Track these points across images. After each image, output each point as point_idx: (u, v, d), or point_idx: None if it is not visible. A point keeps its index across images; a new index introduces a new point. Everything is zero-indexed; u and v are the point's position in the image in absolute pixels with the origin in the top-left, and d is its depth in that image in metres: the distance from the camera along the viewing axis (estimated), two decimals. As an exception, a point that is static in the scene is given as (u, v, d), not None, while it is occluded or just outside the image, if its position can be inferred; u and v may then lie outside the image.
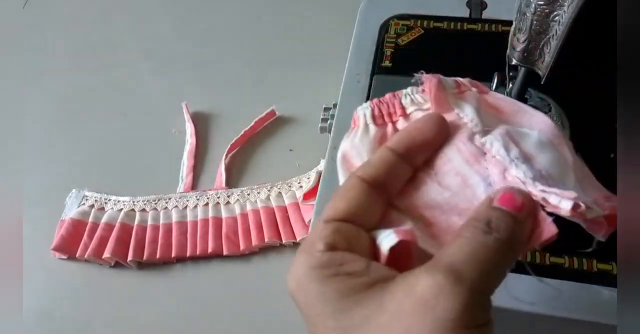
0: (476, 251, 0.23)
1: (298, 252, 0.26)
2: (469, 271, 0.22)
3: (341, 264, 0.24)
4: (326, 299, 0.23)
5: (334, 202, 0.26)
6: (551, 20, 0.33)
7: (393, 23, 0.56)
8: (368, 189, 0.26)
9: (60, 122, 0.69)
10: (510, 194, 0.25)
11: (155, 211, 0.59)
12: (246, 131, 0.64)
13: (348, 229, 0.25)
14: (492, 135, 0.27)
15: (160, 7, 0.81)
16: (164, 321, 0.53)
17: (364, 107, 0.30)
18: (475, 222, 0.24)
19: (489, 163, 0.27)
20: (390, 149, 0.27)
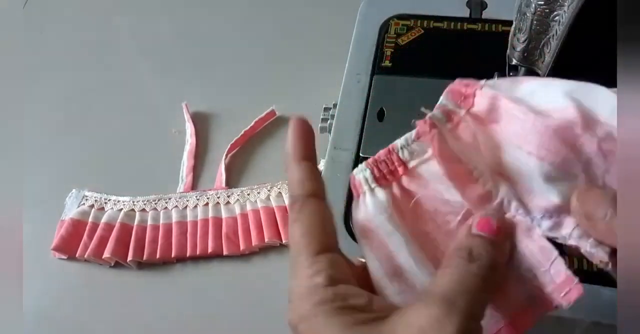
0: (463, 280, 0.24)
1: (293, 291, 0.26)
2: (460, 300, 0.23)
3: (345, 299, 0.25)
4: (331, 329, 0.24)
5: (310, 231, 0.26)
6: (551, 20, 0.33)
7: (393, 23, 0.56)
8: (323, 205, 0.27)
9: (60, 122, 0.69)
10: (487, 220, 0.26)
11: (155, 211, 0.59)
12: (246, 131, 0.64)
13: (337, 259, 0.26)
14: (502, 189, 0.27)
15: (160, 7, 0.81)
16: (164, 321, 0.53)
17: (362, 169, 0.29)
18: (459, 251, 0.25)
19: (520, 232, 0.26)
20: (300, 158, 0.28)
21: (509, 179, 0.27)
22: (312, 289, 0.25)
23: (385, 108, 0.49)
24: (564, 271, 0.25)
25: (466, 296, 0.23)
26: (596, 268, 0.39)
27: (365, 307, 0.25)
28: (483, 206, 0.27)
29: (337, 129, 0.49)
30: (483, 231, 0.26)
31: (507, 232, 0.26)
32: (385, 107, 0.49)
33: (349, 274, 0.26)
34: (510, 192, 0.27)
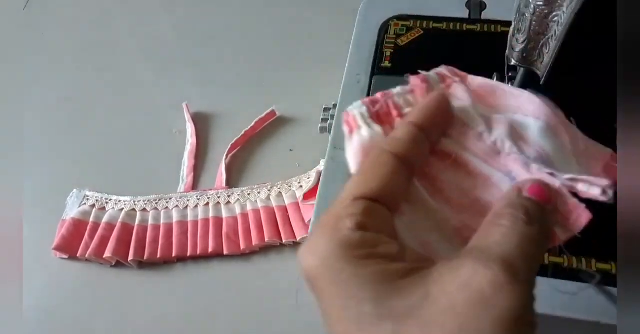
0: (524, 242, 0.22)
1: (319, 227, 0.23)
2: (523, 267, 0.21)
3: (374, 246, 0.22)
4: (363, 282, 0.21)
5: (364, 178, 0.24)
6: (550, 21, 0.33)
7: (393, 23, 0.56)
8: (400, 166, 0.24)
9: (61, 122, 0.69)
10: (539, 186, 0.24)
11: (156, 210, 0.59)
12: (246, 131, 0.64)
13: (378, 211, 0.23)
14: (497, 131, 0.27)
15: (160, 7, 0.81)
16: (165, 321, 0.53)
17: (357, 106, 0.28)
18: (514, 210, 0.23)
19: (507, 160, 0.26)
20: (414, 124, 0.26)
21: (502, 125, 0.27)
22: (338, 230, 0.22)
23: (385, 108, 0.49)
24: (570, 199, 0.24)
25: (528, 263, 0.21)
26: (595, 267, 0.39)
27: (397, 256, 0.22)
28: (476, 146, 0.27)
29: (337, 129, 0.49)
30: (535, 196, 0.24)
31: (556, 202, 0.24)
32: (385, 108, 0.49)
33: (389, 230, 0.23)
34: (503, 134, 0.27)
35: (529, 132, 0.27)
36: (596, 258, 0.39)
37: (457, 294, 0.20)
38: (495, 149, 0.27)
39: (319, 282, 0.22)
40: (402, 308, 0.20)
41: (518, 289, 0.20)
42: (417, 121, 0.26)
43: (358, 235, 0.22)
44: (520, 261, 0.21)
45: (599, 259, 0.39)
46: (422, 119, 0.26)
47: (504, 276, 0.20)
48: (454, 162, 0.27)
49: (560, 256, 0.39)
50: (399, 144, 0.25)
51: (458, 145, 0.27)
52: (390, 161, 0.24)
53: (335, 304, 0.21)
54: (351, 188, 0.24)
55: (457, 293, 0.20)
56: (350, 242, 0.22)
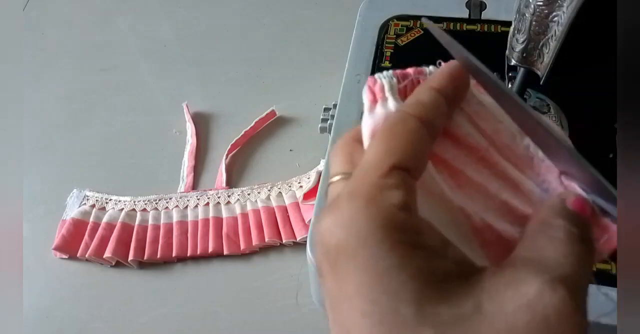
0: (581, 264, 0.19)
1: (351, 195, 0.19)
2: (581, 292, 0.19)
3: (419, 233, 0.18)
4: (406, 278, 0.17)
5: (392, 143, 0.20)
6: (550, 21, 0.33)
7: (393, 23, 0.56)
8: (426, 134, 0.21)
9: (60, 122, 0.69)
10: (583, 200, 0.22)
11: (156, 210, 0.59)
12: (246, 131, 0.64)
13: (413, 185, 0.20)
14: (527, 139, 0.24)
15: (160, 7, 0.81)
16: (165, 321, 0.53)
17: (388, 76, 0.25)
18: (564, 222, 0.21)
19: (541, 168, 0.24)
20: (436, 89, 0.23)
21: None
22: (379, 204, 0.18)
23: (385, 108, 0.49)
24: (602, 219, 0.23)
25: (585, 280, 0.19)
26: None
27: (441, 251, 0.19)
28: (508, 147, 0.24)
29: (337, 129, 0.49)
30: (578, 210, 0.21)
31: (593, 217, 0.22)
32: (385, 108, 0.49)
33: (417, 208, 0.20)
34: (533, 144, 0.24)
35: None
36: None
37: (517, 315, 0.17)
38: (528, 154, 0.24)
39: (346, 264, 0.18)
40: (448, 316, 0.17)
41: (580, 321, 0.18)
42: (440, 87, 0.23)
43: (403, 216, 0.18)
44: (580, 286, 0.19)
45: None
46: (445, 86, 0.23)
47: (570, 302, 0.18)
48: (482, 158, 0.24)
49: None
50: (424, 109, 0.22)
51: (489, 141, 0.24)
52: (417, 127, 0.21)
53: (359, 296, 0.18)
54: (382, 154, 0.20)
55: (518, 314, 0.17)
56: (395, 222, 0.18)
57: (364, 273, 0.18)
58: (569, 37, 0.33)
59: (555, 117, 0.47)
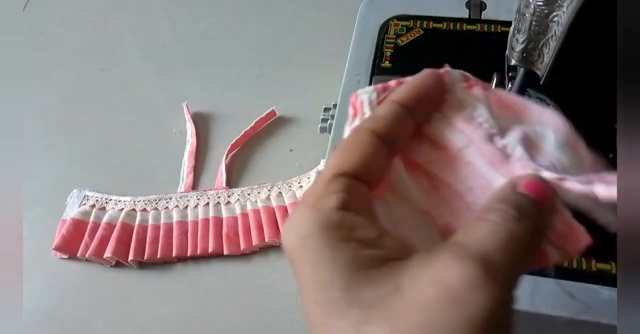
0: (509, 240, 0.20)
1: (301, 204, 0.22)
2: (502, 264, 0.20)
3: (352, 228, 0.21)
4: (337, 267, 0.20)
5: (343, 155, 0.23)
6: (550, 21, 0.33)
7: (393, 23, 0.56)
8: (379, 144, 0.24)
9: (61, 122, 0.69)
10: (537, 182, 0.23)
11: (156, 210, 0.59)
12: (246, 131, 0.64)
13: (358, 188, 0.23)
14: (511, 137, 0.25)
15: (160, 8, 0.81)
16: (165, 321, 0.53)
17: (369, 91, 0.27)
18: (503, 205, 0.22)
19: (515, 166, 0.25)
20: (397, 102, 0.25)
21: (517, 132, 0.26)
22: (319, 210, 0.22)
23: (385, 108, 0.49)
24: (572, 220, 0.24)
25: (511, 261, 0.20)
26: (595, 267, 0.39)
27: (375, 242, 0.21)
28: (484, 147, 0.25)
29: (337, 129, 0.49)
30: (530, 193, 0.22)
31: (553, 201, 0.23)
32: (385, 108, 0.49)
33: (368, 209, 0.23)
34: (516, 140, 0.25)
35: (545, 143, 0.25)
36: (596, 258, 0.39)
37: (427, 289, 0.19)
38: (505, 154, 0.25)
39: (297, 261, 0.22)
40: (370, 297, 0.20)
41: (494, 290, 0.19)
42: (401, 100, 0.25)
43: (339, 215, 0.21)
44: (502, 260, 0.20)
45: (599, 259, 0.39)
46: (406, 98, 0.25)
47: (480, 274, 0.19)
48: (456, 158, 0.26)
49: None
50: (379, 121, 0.24)
51: (466, 139, 0.26)
52: (369, 138, 0.24)
53: (309, 285, 0.21)
54: (332, 165, 0.23)
55: (428, 288, 0.19)
56: (330, 222, 0.21)
57: (306, 267, 0.21)
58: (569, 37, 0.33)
59: (555, 117, 0.47)
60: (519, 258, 0.20)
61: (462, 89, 0.27)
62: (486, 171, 0.25)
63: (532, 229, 0.21)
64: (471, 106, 0.26)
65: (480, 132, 0.26)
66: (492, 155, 0.25)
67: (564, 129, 0.26)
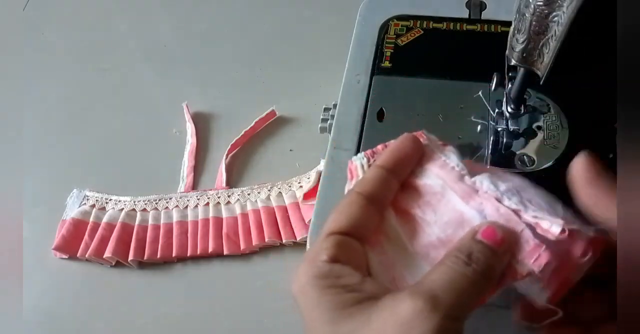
0: (455, 280, 0.25)
1: (303, 260, 0.28)
2: (446, 299, 0.24)
3: (339, 277, 0.26)
4: (323, 307, 0.25)
5: (336, 216, 0.29)
6: (550, 21, 0.33)
7: (393, 23, 0.56)
8: (366, 204, 0.29)
9: (60, 122, 0.69)
10: (492, 229, 0.27)
11: (156, 210, 0.59)
12: (246, 131, 0.64)
13: (348, 242, 0.28)
14: (479, 176, 0.30)
15: (160, 8, 0.81)
16: (165, 321, 0.53)
17: (360, 158, 0.33)
18: (458, 252, 0.26)
19: (482, 198, 0.29)
20: (380, 166, 0.31)
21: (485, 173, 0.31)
22: (314, 263, 0.27)
23: (385, 108, 0.50)
24: (532, 240, 0.27)
25: (452, 295, 0.24)
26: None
27: (356, 286, 0.26)
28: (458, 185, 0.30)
29: (337, 129, 0.49)
30: (487, 239, 0.27)
31: (510, 245, 0.27)
32: (385, 108, 0.50)
33: (357, 259, 0.28)
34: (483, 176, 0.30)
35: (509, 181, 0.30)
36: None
37: (388, 320, 0.24)
38: (474, 189, 0.30)
39: (299, 303, 0.27)
40: (346, 329, 0.25)
41: (436, 317, 0.23)
42: (384, 164, 0.31)
43: (327, 267, 0.27)
44: (445, 294, 0.24)
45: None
46: (388, 162, 0.31)
47: (423, 304, 0.24)
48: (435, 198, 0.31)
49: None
50: (366, 184, 0.30)
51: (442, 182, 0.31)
52: (357, 200, 0.29)
53: (308, 324, 0.26)
54: (327, 226, 0.29)
55: (388, 319, 0.24)
56: (321, 273, 0.27)
57: (306, 310, 0.27)
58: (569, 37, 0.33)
59: (555, 117, 0.47)
60: (463, 293, 0.25)
61: (438, 145, 0.33)
62: (460, 206, 0.30)
63: (478, 272, 0.26)
64: (444, 155, 0.32)
65: (452, 174, 0.31)
66: (462, 191, 0.30)
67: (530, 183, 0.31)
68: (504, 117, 0.46)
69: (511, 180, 0.30)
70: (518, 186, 0.30)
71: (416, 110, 0.49)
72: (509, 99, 0.44)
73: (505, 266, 0.27)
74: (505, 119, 0.46)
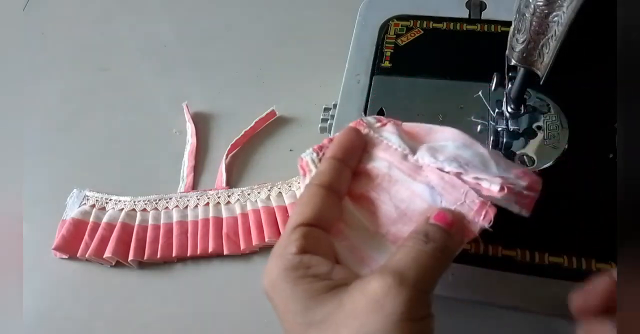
0: (417, 257, 0.27)
1: (271, 255, 0.29)
2: (411, 274, 0.26)
3: (309, 267, 0.27)
4: (296, 298, 0.27)
5: (299, 209, 0.30)
6: (550, 21, 0.33)
7: (393, 23, 0.56)
8: (327, 194, 0.31)
9: (60, 122, 0.69)
10: (443, 213, 0.30)
11: (156, 210, 0.59)
12: (246, 131, 0.64)
13: (315, 233, 0.29)
14: (420, 152, 0.33)
15: (160, 7, 0.81)
16: (165, 321, 0.53)
17: (309, 153, 0.35)
18: (416, 234, 0.29)
19: (427, 172, 0.32)
20: (332, 158, 0.33)
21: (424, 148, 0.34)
22: (283, 256, 0.28)
23: (385, 108, 0.50)
24: (477, 199, 0.30)
25: (417, 270, 0.26)
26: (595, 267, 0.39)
27: (327, 275, 0.27)
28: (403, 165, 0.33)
29: (337, 129, 0.49)
30: (439, 222, 0.29)
31: (460, 226, 0.30)
32: (385, 107, 0.50)
33: (324, 248, 0.29)
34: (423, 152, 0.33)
35: (445, 149, 0.33)
36: (596, 258, 0.39)
37: (358, 300, 0.25)
38: (417, 165, 0.33)
39: (272, 298, 0.28)
40: (320, 315, 0.26)
41: (404, 291, 0.25)
42: (334, 155, 0.33)
43: (297, 259, 0.28)
44: (410, 270, 0.26)
45: (599, 259, 0.39)
46: (337, 152, 0.33)
47: (392, 280, 0.25)
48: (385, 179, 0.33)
49: (560, 256, 0.39)
50: (322, 176, 0.32)
51: (387, 163, 0.34)
52: (317, 191, 0.31)
53: (281, 316, 0.27)
54: (292, 219, 0.30)
55: (359, 299, 0.25)
56: (290, 265, 0.28)
57: (279, 302, 0.28)
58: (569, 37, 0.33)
59: (555, 117, 0.47)
60: (426, 268, 0.27)
61: (377, 128, 0.36)
62: (409, 183, 0.33)
63: (436, 248, 0.28)
64: (385, 138, 0.35)
65: (396, 155, 0.34)
66: (408, 169, 0.33)
67: (461, 137, 0.34)
68: (504, 117, 0.46)
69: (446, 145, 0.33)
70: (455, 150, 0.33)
71: (416, 110, 0.49)
72: (509, 99, 0.44)
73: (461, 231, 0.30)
74: (505, 119, 0.46)
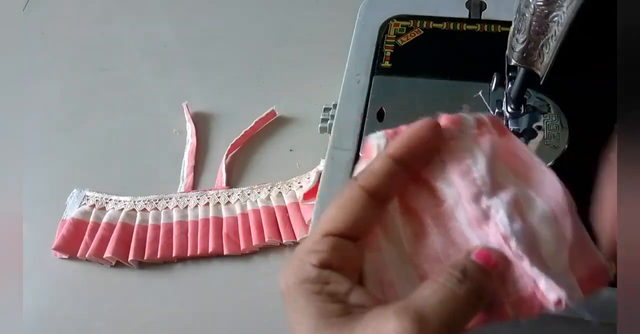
0: (446, 300, 0.23)
1: (294, 255, 0.26)
2: (435, 320, 0.22)
3: (327, 283, 0.25)
4: (308, 314, 0.25)
5: (334, 213, 0.26)
6: (550, 21, 0.33)
7: (393, 23, 0.56)
8: (369, 201, 0.26)
9: (61, 122, 0.69)
10: (487, 252, 0.26)
11: (156, 210, 0.59)
12: (246, 131, 0.64)
13: (343, 246, 0.26)
14: (498, 199, 0.26)
15: (160, 7, 0.81)
16: (165, 321, 0.53)
17: (379, 136, 0.28)
18: (452, 269, 0.25)
19: (490, 229, 0.26)
20: (391, 156, 0.26)
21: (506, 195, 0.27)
22: (303, 264, 0.26)
23: (385, 108, 0.50)
24: (525, 292, 0.25)
25: (442, 318, 0.23)
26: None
27: (344, 296, 0.25)
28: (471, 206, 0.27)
29: (337, 129, 0.49)
30: (481, 261, 0.25)
31: (502, 271, 0.26)
32: (385, 108, 0.50)
33: (349, 264, 0.26)
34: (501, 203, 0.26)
35: (531, 212, 0.26)
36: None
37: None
38: (486, 214, 0.26)
39: (285, 304, 0.26)
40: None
41: None
42: (395, 153, 0.26)
43: (316, 272, 0.25)
44: (435, 315, 0.23)
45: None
46: (400, 151, 0.26)
47: (410, 326, 0.22)
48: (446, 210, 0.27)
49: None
50: (371, 176, 0.26)
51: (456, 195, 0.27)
52: (359, 195, 0.26)
53: (292, 322, 0.26)
54: (323, 223, 0.26)
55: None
56: (308, 277, 0.25)
57: (290, 310, 0.26)
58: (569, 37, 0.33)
59: (555, 117, 0.47)
60: (453, 314, 0.23)
61: (472, 137, 0.28)
62: (465, 230, 0.27)
63: (472, 290, 0.24)
64: (473, 157, 0.27)
65: (470, 189, 0.27)
66: (473, 215, 0.27)
67: (558, 200, 0.27)
68: (504, 117, 0.46)
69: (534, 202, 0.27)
70: (538, 217, 0.26)
71: (416, 110, 0.49)
72: (509, 99, 0.44)
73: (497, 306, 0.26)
74: (505, 119, 0.46)
